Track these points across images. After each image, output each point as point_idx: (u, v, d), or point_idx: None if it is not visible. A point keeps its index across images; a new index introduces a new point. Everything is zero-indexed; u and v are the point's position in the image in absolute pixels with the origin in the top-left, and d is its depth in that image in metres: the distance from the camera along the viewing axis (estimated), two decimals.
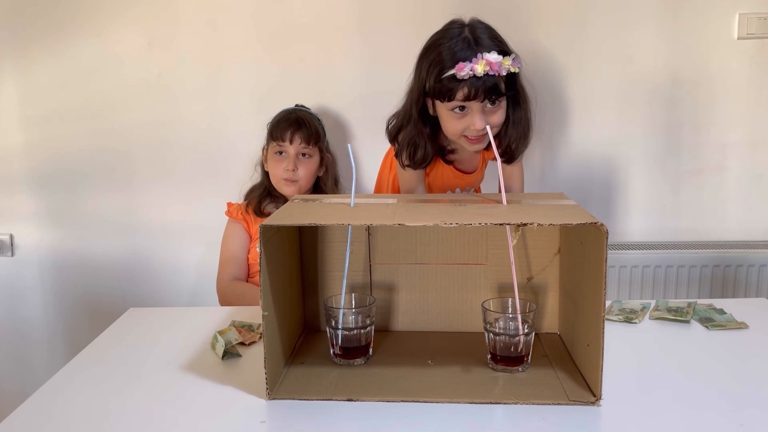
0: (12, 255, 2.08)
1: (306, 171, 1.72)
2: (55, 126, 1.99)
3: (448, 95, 1.28)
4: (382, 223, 0.84)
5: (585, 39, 1.88)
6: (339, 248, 1.07)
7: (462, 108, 1.30)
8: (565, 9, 1.86)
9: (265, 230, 0.85)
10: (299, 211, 0.94)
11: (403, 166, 1.43)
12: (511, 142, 1.38)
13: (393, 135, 1.43)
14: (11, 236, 2.07)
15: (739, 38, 1.85)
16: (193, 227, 2.01)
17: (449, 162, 1.48)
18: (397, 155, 1.43)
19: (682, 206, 1.95)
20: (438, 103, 1.33)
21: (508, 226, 0.96)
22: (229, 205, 1.80)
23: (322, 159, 1.77)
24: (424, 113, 1.37)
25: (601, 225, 0.80)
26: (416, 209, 0.96)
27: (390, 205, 0.99)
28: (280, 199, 1.77)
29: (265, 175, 1.79)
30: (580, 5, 1.86)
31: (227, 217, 1.80)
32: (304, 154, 1.72)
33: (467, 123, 1.31)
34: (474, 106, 1.28)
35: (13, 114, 1.99)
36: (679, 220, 1.96)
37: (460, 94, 1.27)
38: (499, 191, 0.98)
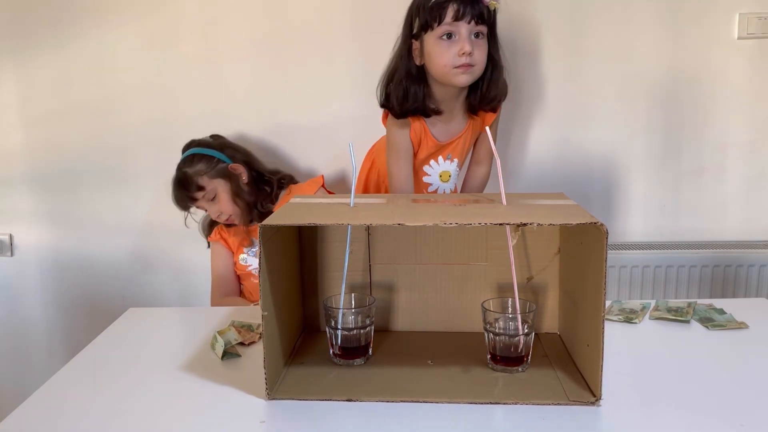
0: (12, 255, 2.08)
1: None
2: (55, 126, 1.99)
3: (438, 16, 1.38)
4: (382, 223, 0.84)
5: (585, 39, 1.88)
6: (339, 248, 1.07)
7: (450, 36, 1.40)
8: (564, 8, 1.86)
9: (265, 230, 0.84)
10: (299, 211, 0.93)
11: (395, 113, 1.50)
12: (494, 85, 1.48)
13: (384, 85, 1.51)
14: (11, 236, 2.07)
15: (739, 38, 1.85)
16: (193, 227, 2.00)
17: (433, 114, 1.51)
18: (388, 103, 1.50)
19: (682, 206, 1.95)
20: (427, 39, 1.42)
21: (507, 226, 0.96)
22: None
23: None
24: (412, 68, 1.47)
25: (601, 225, 0.80)
26: (416, 209, 0.96)
27: (390, 205, 0.99)
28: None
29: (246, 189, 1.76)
30: (580, 5, 1.86)
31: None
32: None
33: (455, 49, 1.39)
34: (461, 29, 1.39)
35: (13, 114, 1.99)
36: (679, 220, 1.96)
37: (449, 13, 1.38)
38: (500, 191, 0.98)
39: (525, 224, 0.81)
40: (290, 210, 0.95)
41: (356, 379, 0.91)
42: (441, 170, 1.59)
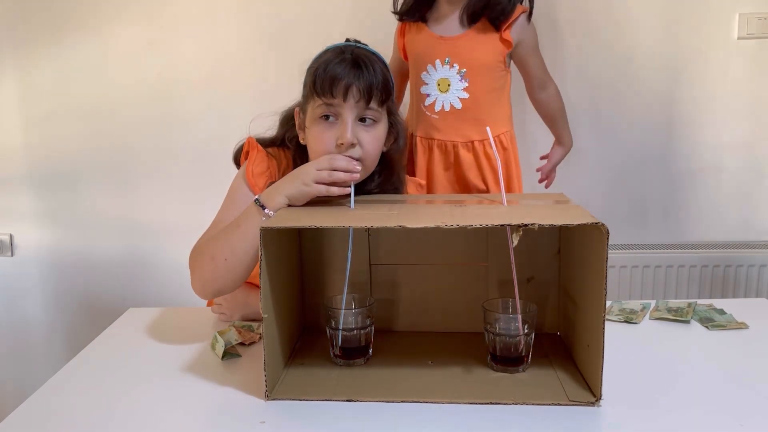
0: (12, 255, 2.08)
1: (372, 144, 1.07)
2: (55, 126, 1.99)
3: None
4: (383, 225, 0.83)
5: (585, 39, 1.88)
6: (339, 249, 1.06)
7: None
8: (564, 9, 1.86)
9: (265, 232, 0.84)
10: (299, 214, 0.94)
11: (397, 12, 1.65)
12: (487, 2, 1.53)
13: None
14: (11, 236, 2.07)
15: (739, 38, 1.85)
16: (193, 227, 2.00)
17: (425, 19, 1.62)
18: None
19: (682, 206, 1.96)
20: None
21: (508, 227, 0.96)
22: (253, 150, 1.23)
23: (391, 126, 1.13)
24: None
25: (602, 225, 0.80)
26: (417, 210, 0.96)
27: (390, 207, 0.99)
28: None
29: (298, 148, 1.20)
30: (580, 5, 1.86)
31: (242, 172, 1.23)
32: (365, 119, 1.08)
33: None
34: None
35: (13, 114, 2.00)
36: (679, 220, 1.96)
37: None
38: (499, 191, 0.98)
39: (526, 225, 0.81)
40: (291, 212, 0.95)
41: (356, 380, 0.91)
42: (439, 77, 1.58)
